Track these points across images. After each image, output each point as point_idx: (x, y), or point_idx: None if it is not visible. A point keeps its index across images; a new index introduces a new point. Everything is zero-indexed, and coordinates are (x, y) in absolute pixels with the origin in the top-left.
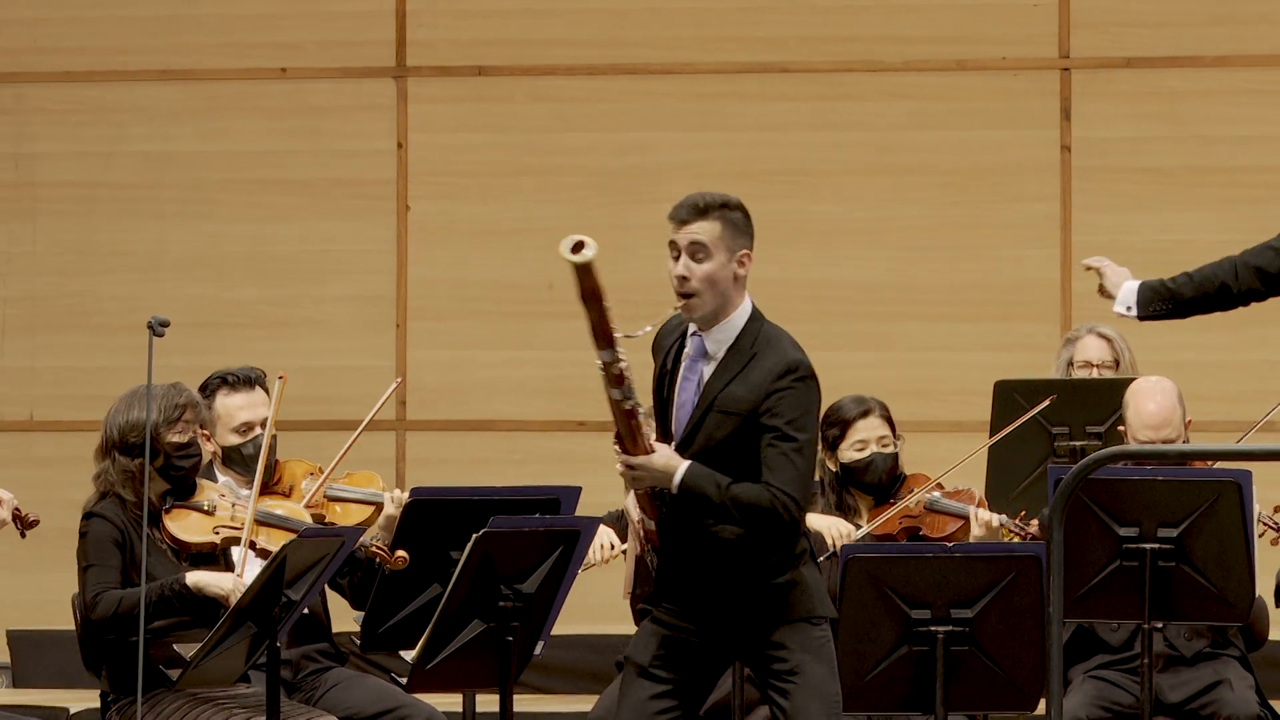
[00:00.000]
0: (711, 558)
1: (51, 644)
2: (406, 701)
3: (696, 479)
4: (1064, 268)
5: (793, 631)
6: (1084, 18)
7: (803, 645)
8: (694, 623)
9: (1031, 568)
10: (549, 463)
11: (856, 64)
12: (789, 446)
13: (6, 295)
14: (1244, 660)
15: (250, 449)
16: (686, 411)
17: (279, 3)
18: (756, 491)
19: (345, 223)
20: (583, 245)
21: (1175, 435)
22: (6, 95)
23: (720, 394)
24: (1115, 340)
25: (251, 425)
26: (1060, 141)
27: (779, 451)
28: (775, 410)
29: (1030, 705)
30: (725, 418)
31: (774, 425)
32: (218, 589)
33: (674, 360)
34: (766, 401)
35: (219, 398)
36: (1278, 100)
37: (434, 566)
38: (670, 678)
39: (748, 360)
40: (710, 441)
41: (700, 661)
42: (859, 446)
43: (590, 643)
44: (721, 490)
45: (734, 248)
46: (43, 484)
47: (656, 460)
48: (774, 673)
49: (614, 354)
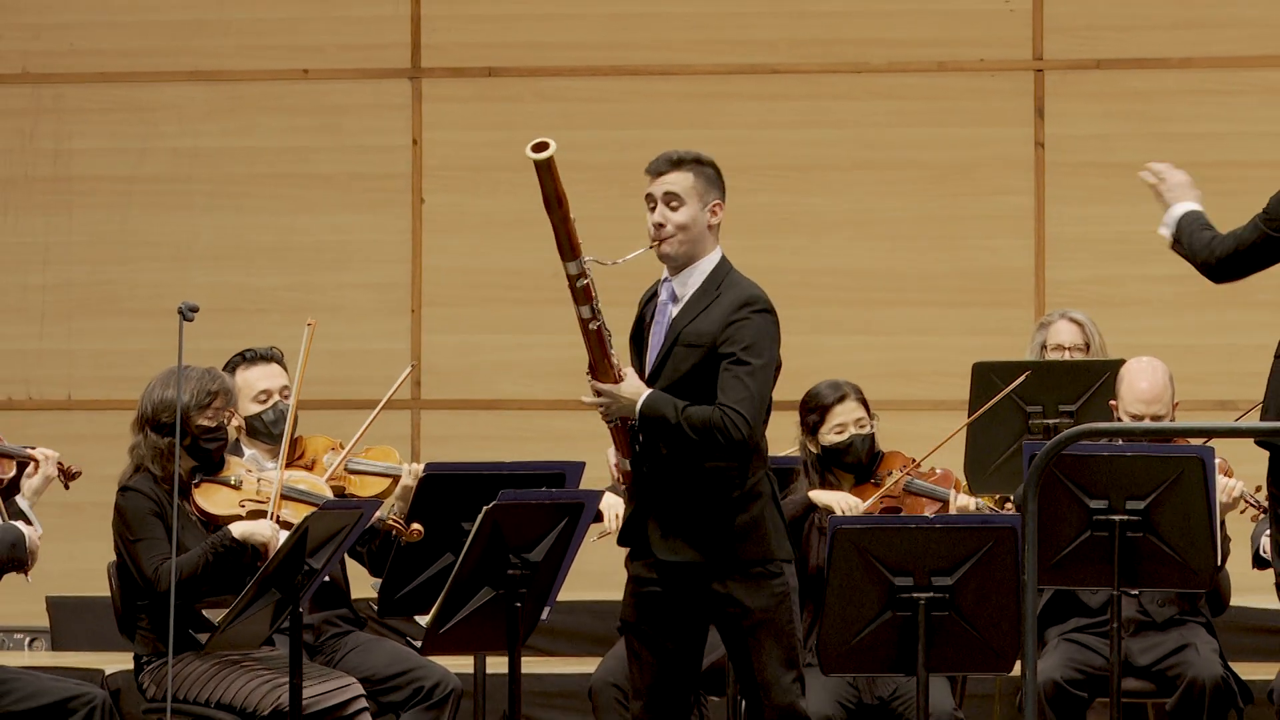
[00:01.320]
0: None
1: (88, 609)
2: (421, 663)
3: (655, 402)
4: (1037, 256)
5: (751, 586)
6: (1056, 22)
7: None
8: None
9: (1008, 538)
10: (554, 440)
11: (843, 66)
12: (741, 370)
13: (45, 282)
14: (1209, 626)
15: (270, 414)
16: (655, 351)
17: (301, 7)
18: (708, 411)
19: (363, 215)
20: (545, 145)
21: (1164, 412)
22: (46, 95)
23: (685, 329)
24: (1086, 325)
25: (270, 392)
26: (1034, 138)
27: (732, 375)
28: (733, 338)
29: (1006, 667)
30: (689, 350)
31: (730, 351)
32: (260, 537)
33: (651, 314)
34: (725, 331)
35: (239, 373)
36: (1237, 99)
37: (447, 536)
38: (655, 633)
39: (713, 299)
40: (676, 374)
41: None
42: (838, 430)
43: (593, 608)
44: (677, 411)
45: (706, 198)
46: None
47: (624, 388)
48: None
49: (580, 265)
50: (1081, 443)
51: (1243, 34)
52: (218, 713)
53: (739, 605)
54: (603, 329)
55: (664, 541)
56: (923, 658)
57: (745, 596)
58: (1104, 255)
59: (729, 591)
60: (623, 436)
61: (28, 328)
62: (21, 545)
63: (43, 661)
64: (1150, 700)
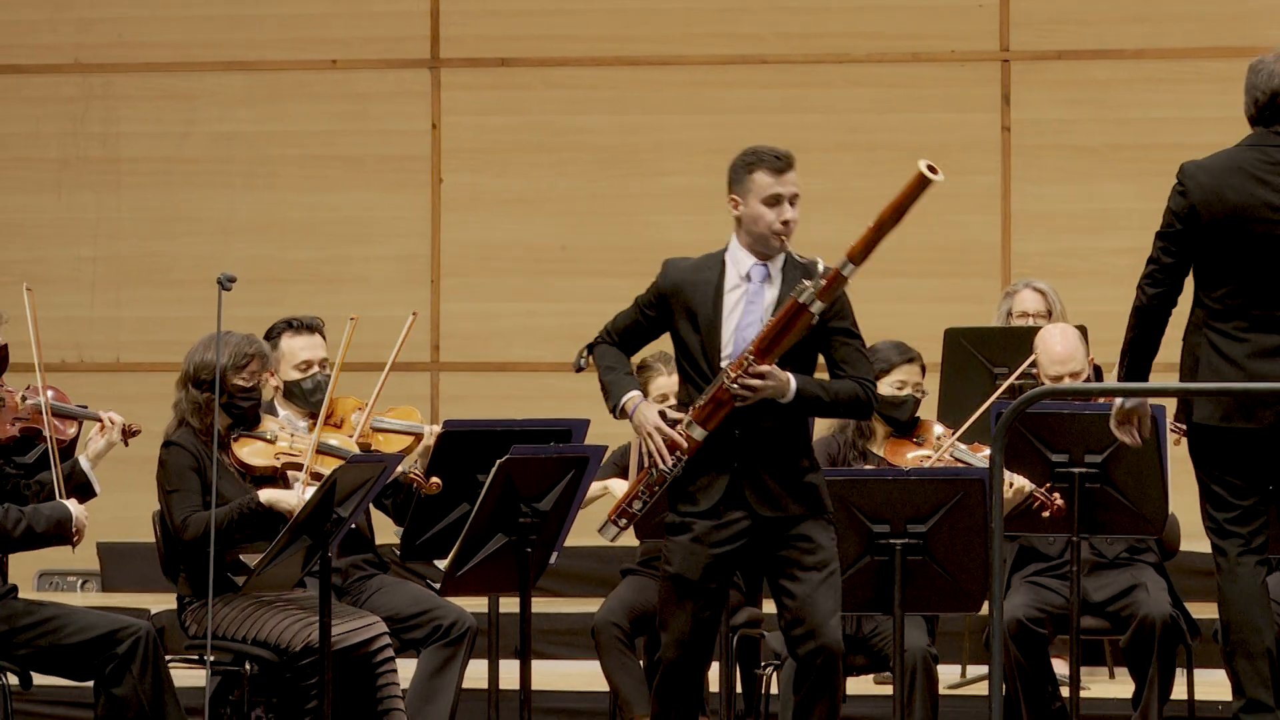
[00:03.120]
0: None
1: (135, 554)
2: (440, 604)
3: (807, 384)
4: (1004, 231)
5: (819, 526)
6: (1021, 17)
7: (828, 540)
8: (733, 528)
9: (976, 489)
10: (562, 399)
11: (825, 57)
12: (858, 344)
13: (96, 255)
14: (1159, 567)
15: (309, 384)
16: (755, 329)
17: (330, 4)
18: (851, 386)
19: (387, 193)
20: (936, 171)
21: (1080, 369)
22: (96, 83)
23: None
24: (1048, 293)
25: (310, 363)
26: (1001, 123)
27: (853, 349)
28: (841, 313)
29: (975, 607)
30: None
31: (842, 326)
32: (286, 505)
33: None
34: (832, 306)
35: (284, 339)
36: (1187, 87)
37: (463, 488)
38: (714, 589)
39: (798, 273)
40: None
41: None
42: (899, 385)
43: (597, 553)
44: (826, 390)
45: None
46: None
47: (781, 373)
48: (802, 564)
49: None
50: (1044, 402)
51: (1192, 28)
52: (254, 649)
53: (816, 547)
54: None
55: (768, 499)
56: (899, 598)
57: (820, 537)
58: (1064, 230)
59: (808, 534)
60: (724, 411)
61: (80, 296)
62: (67, 524)
63: (93, 601)
64: (1106, 636)
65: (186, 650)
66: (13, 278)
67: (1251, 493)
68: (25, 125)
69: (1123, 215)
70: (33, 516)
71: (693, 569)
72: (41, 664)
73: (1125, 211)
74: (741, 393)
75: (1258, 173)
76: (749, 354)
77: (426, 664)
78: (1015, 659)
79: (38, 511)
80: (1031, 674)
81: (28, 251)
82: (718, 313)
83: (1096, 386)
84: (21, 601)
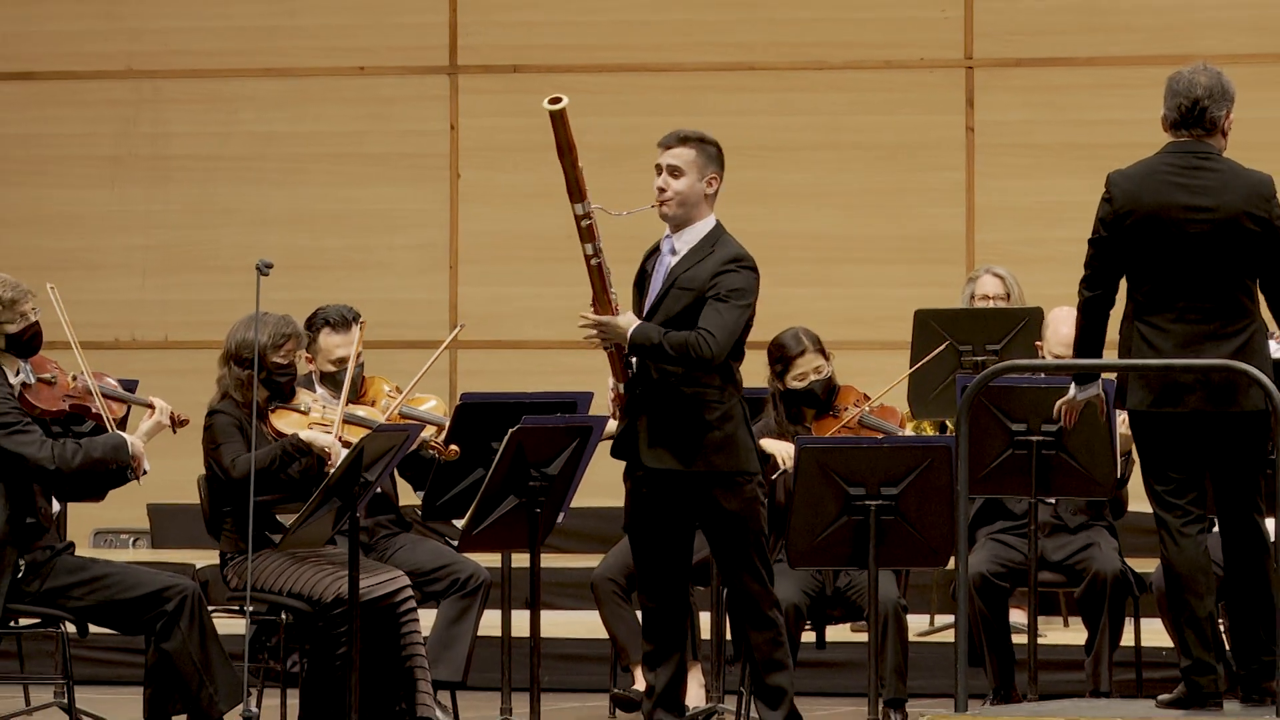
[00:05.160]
0: (664, 412)
1: (182, 515)
2: (458, 559)
3: (643, 330)
4: (968, 223)
5: (727, 493)
6: (983, 28)
7: (735, 502)
8: (651, 482)
9: (944, 455)
10: (568, 374)
11: (807, 64)
12: (720, 305)
13: (146, 243)
14: (1111, 529)
15: (342, 376)
16: (654, 293)
17: (358, 16)
18: (684, 334)
19: (409, 188)
20: (559, 99)
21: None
22: (146, 88)
23: (681, 275)
24: (1007, 278)
25: (344, 359)
26: (965, 124)
27: (711, 308)
28: (720, 284)
29: (942, 562)
30: (682, 293)
31: (715, 293)
32: (320, 442)
33: (653, 265)
34: (714, 279)
35: (323, 335)
36: (1134, 92)
37: (479, 454)
38: (649, 530)
39: (707, 254)
40: (669, 314)
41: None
42: (799, 379)
43: (600, 513)
44: (660, 335)
45: (704, 172)
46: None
47: (619, 318)
48: (715, 527)
49: (585, 207)
50: (1005, 376)
51: (1138, 38)
52: (289, 600)
53: (718, 507)
54: (603, 265)
55: (650, 451)
56: (873, 554)
57: (723, 500)
58: (1023, 221)
59: (710, 496)
60: (618, 362)
61: (131, 281)
62: (124, 450)
63: (143, 558)
64: (1061, 589)
65: (228, 601)
66: (71, 265)
67: (1185, 469)
68: (81, 126)
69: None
70: (89, 445)
71: (632, 515)
72: (95, 617)
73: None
74: (585, 332)
75: (1174, 178)
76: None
77: (445, 614)
78: (978, 609)
79: (93, 441)
80: (993, 622)
81: (84, 240)
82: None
83: (1053, 363)
84: (77, 558)
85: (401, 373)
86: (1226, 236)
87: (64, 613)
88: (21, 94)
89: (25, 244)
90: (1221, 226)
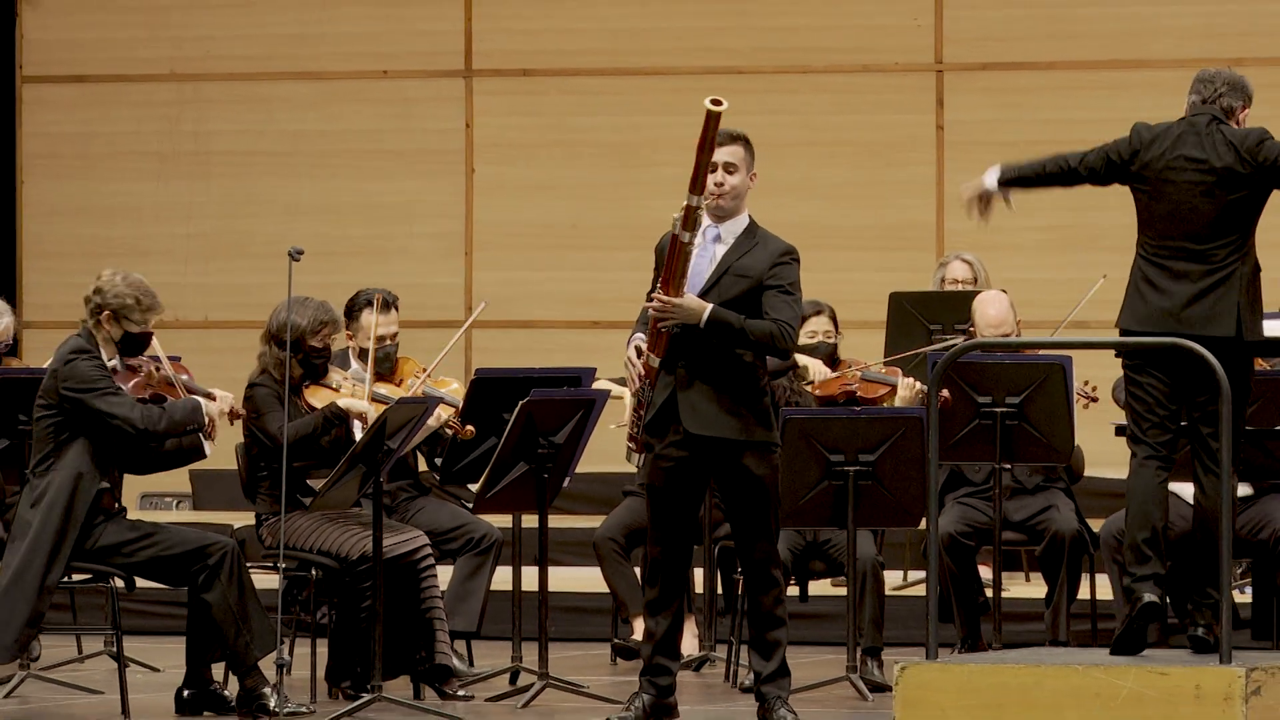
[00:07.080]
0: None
1: (221, 479)
2: (473, 520)
3: (722, 313)
4: (938, 214)
5: (759, 460)
6: (953, 35)
7: (766, 465)
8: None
9: (916, 425)
10: (573, 351)
11: (791, 68)
12: (789, 298)
13: (188, 232)
14: (1068, 491)
15: (380, 353)
16: (700, 279)
17: (382, 25)
18: (768, 324)
19: (428, 181)
20: (720, 101)
21: (1010, 330)
22: (188, 90)
23: (735, 263)
24: (975, 264)
25: (384, 338)
26: (936, 123)
27: (783, 300)
28: (778, 275)
29: (915, 523)
30: (738, 279)
31: (777, 284)
32: (358, 408)
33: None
34: (771, 270)
35: (365, 314)
36: (1091, 93)
37: (492, 424)
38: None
39: (754, 245)
40: (722, 297)
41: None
42: (811, 335)
43: (602, 478)
44: (741, 320)
45: (750, 168)
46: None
47: (690, 300)
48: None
49: (699, 200)
50: (972, 353)
51: (1094, 44)
52: (318, 557)
53: (748, 473)
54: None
55: (697, 419)
56: (852, 516)
57: (753, 466)
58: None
59: (740, 462)
60: (665, 340)
61: (175, 266)
62: (199, 412)
63: (185, 519)
64: (1023, 548)
65: (263, 558)
66: (120, 251)
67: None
68: (129, 125)
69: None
70: (170, 407)
71: (657, 476)
72: (144, 571)
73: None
74: (657, 314)
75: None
76: (660, 286)
77: (461, 570)
78: (947, 566)
79: (173, 403)
80: (961, 578)
81: (132, 229)
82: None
83: (1015, 341)
84: (129, 521)
85: (421, 350)
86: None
87: (115, 569)
88: (75, 96)
89: (79, 233)
90: (1217, 174)
